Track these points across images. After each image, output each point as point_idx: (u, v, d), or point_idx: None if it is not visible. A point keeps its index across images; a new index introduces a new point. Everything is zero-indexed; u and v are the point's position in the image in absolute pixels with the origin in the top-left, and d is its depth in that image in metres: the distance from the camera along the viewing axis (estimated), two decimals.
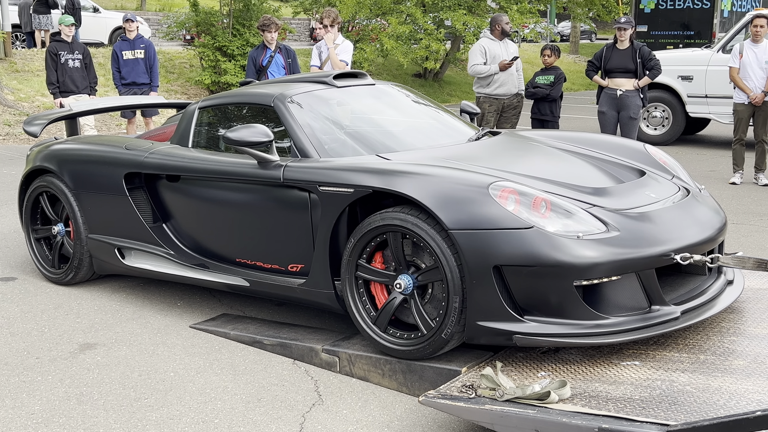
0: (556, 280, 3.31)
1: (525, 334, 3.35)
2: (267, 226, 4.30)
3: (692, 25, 20.87)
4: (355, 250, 3.81)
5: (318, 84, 4.84)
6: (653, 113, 11.81)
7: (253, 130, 4.18)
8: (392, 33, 17.00)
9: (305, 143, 4.31)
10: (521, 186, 3.58)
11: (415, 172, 3.72)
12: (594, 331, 3.33)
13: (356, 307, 3.88)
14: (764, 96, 8.52)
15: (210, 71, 15.75)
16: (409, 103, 5.18)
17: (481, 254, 3.37)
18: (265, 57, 8.19)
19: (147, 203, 4.93)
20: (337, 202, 3.88)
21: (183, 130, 5.01)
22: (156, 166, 4.79)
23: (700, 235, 3.70)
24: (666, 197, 3.96)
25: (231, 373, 4.04)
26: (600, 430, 2.81)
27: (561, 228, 3.39)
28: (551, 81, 8.36)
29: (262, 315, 4.84)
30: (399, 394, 3.76)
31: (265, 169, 4.23)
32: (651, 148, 4.68)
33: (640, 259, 3.42)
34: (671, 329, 3.42)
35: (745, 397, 2.95)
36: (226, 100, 4.96)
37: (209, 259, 4.68)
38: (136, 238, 4.96)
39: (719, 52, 11.31)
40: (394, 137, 4.64)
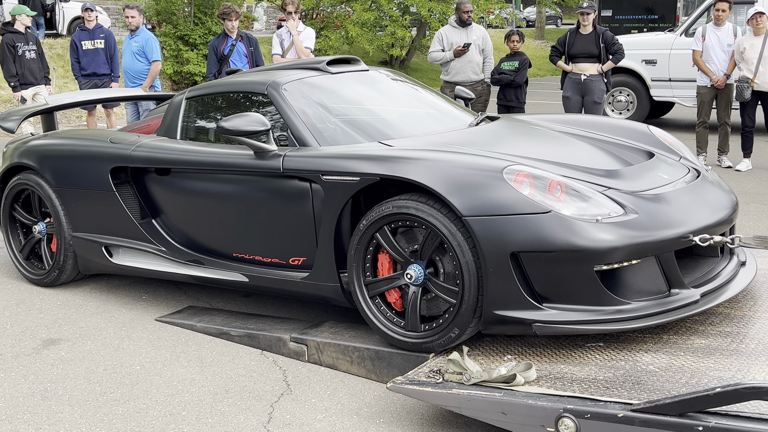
0: (576, 265, 3.20)
1: (545, 322, 3.23)
2: (265, 219, 4.14)
3: (656, 9, 21.08)
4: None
5: (311, 71, 4.68)
6: (618, 97, 11.91)
7: (247, 118, 4.02)
8: (357, 20, 16.97)
9: (303, 131, 4.15)
10: (535, 169, 3.46)
11: (424, 157, 3.58)
12: (615, 317, 3.23)
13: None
14: (726, 79, 8.61)
15: (172, 61, 15.57)
16: (404, 88, 5.03)
17: (498, 241, 3.24)
18: (227, 46, 8.11)
19: (134, 198, 4.74)
20: (341, 191, 3.73)
21: (170, 121, 4.83)
22: (145, 159, 4.61)
23: (716, 216, 3.62)
24: (678, 179, 3.87)
25: (198, 365, 4.01)
26: (565, 410, 2.83)
27: (578, 212, 3.29)
28: (516, 67, 8.38)
29: (229, 306, 4.81)
30: (368, 381, 3.76)
31: (263, 159, 4.07)
32: (656, 130, 4.61)
33: (660, 241, 3.33)
34: (692, 313, 3.34)
35: (707, 374, 2.99)
36: (215, 90, 4.80)
37: (204, 254, 4.51)
38: (124, 235, 4.78)
39: (682, 35, 11.42)
40: (393, 124, 4.48)
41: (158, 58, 9.10)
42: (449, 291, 3.45)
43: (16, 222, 5.41)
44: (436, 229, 3.40)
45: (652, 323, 3.25)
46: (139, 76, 9.06)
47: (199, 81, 15.35)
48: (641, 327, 3.25)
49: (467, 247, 3.32)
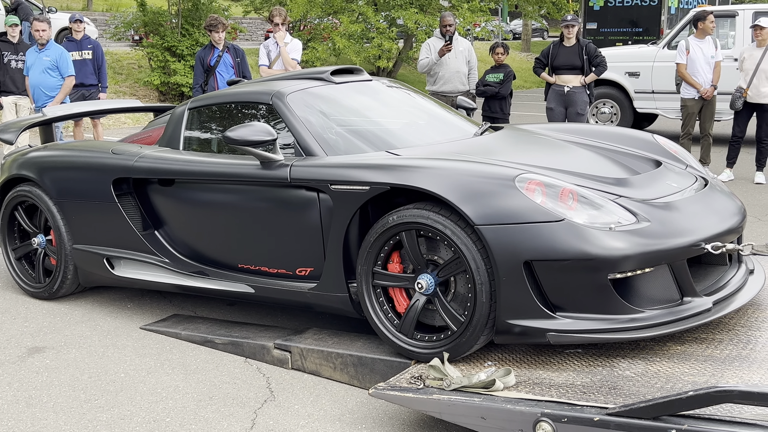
0: (590, 273, 3.19)
1: (559, 332, 3.22)
2: (272, 229, 4.10)
3: (640, 22, 21.28)
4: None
5: (315, 81, 4.67)
6: (602, 109, 12.03)
7: (253, 128, 3.98)
8: (344, 32, 17.06)
9: (310, 141, 4.12)
10: (547, 178, 3.44)
11: (434, 166, 3.55)
12: (629, 325, 3.22)
13: (377, 316, 3.70)
14: (714, 90, 8.73)
15: (159, 72, 15.60)
16: (407, 98, 5.03)
17: (511, 250, 3.22)
18: (213, 57, 8.15)
19: (137, 210, 4.70)
20: (350, 200, 3.70)
21: (172, 132, 4.81)
22: (148, 170, 4.56)
23: (725, 224, 3.62)
24: (686, 187, 3.87)
25: (182, 372, 4.04)
26: (542, 414, 2.89)
27: (590, 220, 3.28)
28: (501, 79, 8.47)
29: (213, 315, 4.84)
30: (350, 388, 3.80)
31: (269, 169, 4.04)
32: (660, 139, 4.61)
33: (673, 249, 3.33)
34: (704, 321, 3.33)
35: (681, 379, 3.05)
36: (218, 100, 4.78)
37: (208, 266, 4.46)
38: (126, 246, 4.73)
39: (665, 48, 11.57)
40: (398, 134, 4.46)
41: (73, 73, 8.87)
42: (452, 315, 3.46)
43: (14, 234, 5.34)
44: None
45: (666, 332, 3.25)
46: (52, 92, 8.73)
47: (186, 92, 15.38)
48: (655, 336, 3.25)
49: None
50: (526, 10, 23.41)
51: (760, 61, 8.50)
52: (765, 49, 8.53)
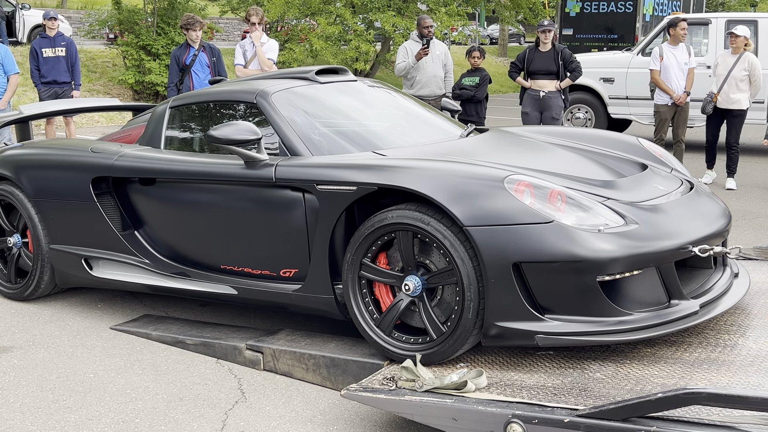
0: (579, 276, 3.18)
1: (547, 334, 3.20)
2: (256, 230, 4.05)
3: (616, 29, 21.48)
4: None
5: (299, 80, 4.63)
6: (576, 114, 12.12)
7: (237, 127, 3.94)
8: (321, 33, 17.01)
9: (295, 141, 4.08)
10: (535, 179, 3.43)
11: (423, 167, 3.53)
12: (617, 328, 3.21)
13: (358, 309, 3.67)
14: (687, 96, 8.83)
15: (134, 70, 15.48)
16: (392, 99, 5.00)
17: (500, 251, 3.20)
18: (189, 56, 8.09)
19: (116, 209, 4.62)
20: (337, 201, 3.66)
21: (153, 130, 4.75)
22: (129, 169, 4.49)
23: (712, 227, 3.63)
24: (672, 190, 3.88)
25: (153, 373, 4.00)
26: (513, 416, 2.89)
27: (578, 222, 3.27)
28: (477, 83, 8.51)
29: (185, 315, 4.80)
30: (323, 389, 3.79)
31: (254, 169, 3.98)
32: (645, 142, 4.62)
33: (661, 252, 3.33)
34: (691, 324, 3.33)
35: (651, 381, 3.08)
36: (201, 99, 4.73)
37: (189, 267, 4.39)
38: (105, 247, 4.65)
39: (639, 55, 11.69)
40: (384, 134, 4.44)
41: (17, 71, 8.63)
42: (433, 322, 3.44)
43: None
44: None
45: (654, 334, 3.24)
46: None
47: (161, 91, 15.27)
48: (642, 338, 3.24)
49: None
50: (503, 15, 23.51)
51: (731, 68, 8.63)
52: (738, 57, 8.66)
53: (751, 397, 2.48)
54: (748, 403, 2.49)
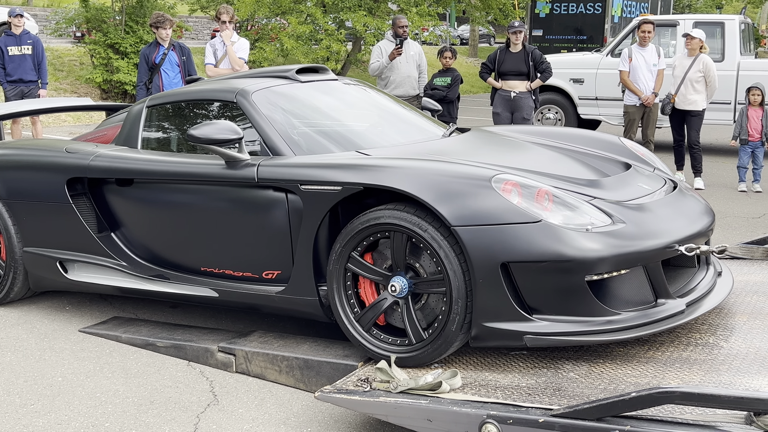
0: (567, 275, 3.16)
1: (536, 334, 3.18)
2: (237, 231, 3.98)
3: (585, 30, 21.68)
4: (349, 242, 3.52)
5: (279, 79, 4.56)
6: (547, 114, 12.20)
7: (218, 126, 3.88)
8: (292, 33, 16.95)
9: (277, 140, 4.01)
10: (522, 178, 3.41)
11: (408, 166, 3.49)
12: (606, 327, 3.19)
13: (340, 302, 3.60)
14: (655, 97, 8.94)
15: (102, 69, 15.29)
16: (373, 98, 4.94)
17: (488, 251, 3.17)
18: (158, 55, 8.00)
19: (92, 211, 4.52)
20: (321, 201, 3.61)
21: (129, 130, 4.65)
22: (105, 169, 4.39)
23: (696, 226, 3.63)
24: (657, 189, 3.87)
25: (122, 376, 3.94)
26: (488, 416, 2.89)
27: (566, 221, 3.25)
28: (448, 83, 8.52)
29: (155, 317, 4.74)
30: (296, 391, 3.76)
31: (235, 169, 3.91)
32: (627, 141, 4.62)
33: (648, 251, 3.32)
34: (678, 323, 3.33)
35: (624, 380, 3.10)
36: (179, 98, 4.64)
37: (168, 269, 4.30)
38: (80, 249, 4.54)
39: (608, 56, 11.80)
40: (367, 134, 4.39)
41: None
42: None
43: None
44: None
45: (642, 334, 3.24)
46: None
47: (129, 90, 15.10)
48: (630, 338, 3.24)
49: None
50: (473, 16, 23.60)
51: (687, 70, 8.81)
52: (694, 59, 8.84)
53: (723, 396, 2.50)
54: (721, 402, 2.51)
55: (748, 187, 8.77)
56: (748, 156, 8.77)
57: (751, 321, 3.58)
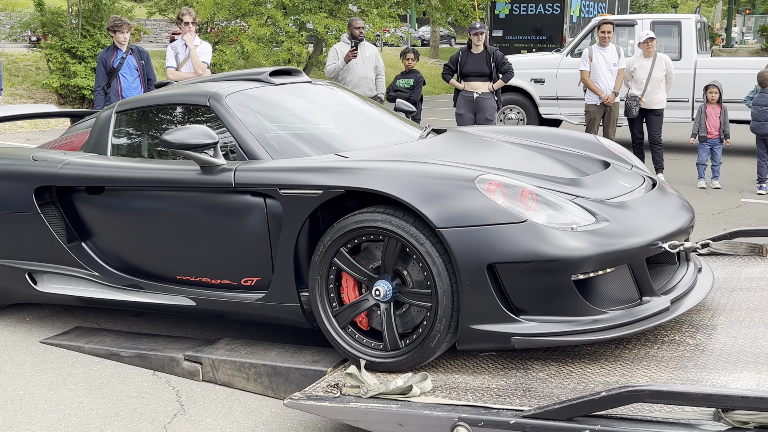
0: (554, 275, 3.13)
1: (524, 335, 3.14)
2: (214, 238, 3.88)
3: (544, 30, 21.90)
4: (340, 238, 3.43)
5: (252, 82, 4.48)
6: (509, 115, 12.28)
7: (192, 131, 3.79)
8: (253, 35, 16.83)
9: (253, 144, 3.93)
10: (505, 178, 3.38)
11: (390, 168, 3.44)
12: (592, 327, 3.17)
13: (320, 295, 3.52)
14: (615, 96, 9.05)
15: (58, 74, 15.04)
16: (347, 101, 4.87)
17: (475, 252, 3.13)
18: (116, 59, 7.89)
19: (61, 220, 4.39)
20: (302, 205, 3.53)
21: (98, 137, 4.52)
22: (75, 177, 4.27)
23: (678, 223, 3.63)
24: (636, 187, 3.86)
25: (86, 387, 3.86)
26: (459, 419, 2.88)
27: (550, 220, 3.22)
28: (411, 84, 8.53)
29: (119, 326, 4.65)
30: (264, 399, 3.72)
31: (211, 174, 3.82)
32: (603, 139, 4.62)
33: (633, 249, 3.31)
34: (664, 320, 3.33)
35: (593, 379, 3.11)
36: (149, 102, 4.52)
37: (143, 278, 4.19)
38: (50, 260, 4.40)
39: (568, 56, 11.91)
40: (343, 136, 4.33)
41: None
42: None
43: None
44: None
45: (628, 332, 3.22)
46: None
47: (87, 95, 14.86)
48: (618, 337, 3.22)
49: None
50: (434, 17, 23.67)
51: (651, 70, 8.98)
52: (653, 59, 9.04)
53: (691, 393, 2.52)
54: (689, 399, 2.53)
55: (708, 184, 8.92)
56: (707, 153, 8.92)
57: (715, 317, 3.63)
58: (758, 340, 3.31)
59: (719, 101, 8.82)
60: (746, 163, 9.86)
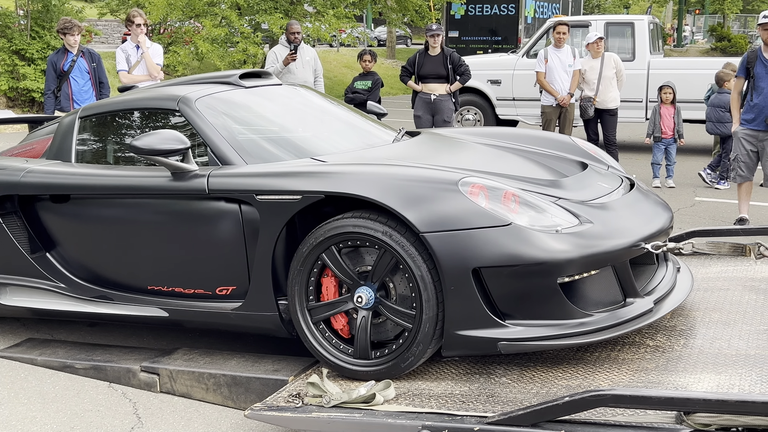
0: (540, 278, 3.09)
1: (510, 340, 3.09)
2: (186, 246, 3.77)
3: (499, 31, 22.03)
4: (333, 237, 3.31)
5: (222, 85, 4.36)
6: (466, 116, 12.32)
7: (161, 136, 3.68)
8: (207, 36, 16.62)
9: (225, 149, 3.81)
10: (488, 181, 3.33)
11: (370, 172, 3.38)
12: (579, 330, 3.14)
13: (298, 290, 3.43)
14: (570, 97, 9.14)
15: (7, 76, 14.69)
16: (319, 103, 4.79)
17: (459, 257, 3.07)
18: (67, 61, 7.70)
19: (23, 230, 4.25)
20: (279, 211, 3.43)
21: (60, 143, 4.38)
22: (40, 186, 4.14)
23: (658, 223, 3.60)
24: (615, 188, 3.83)
25: (40, 401, 3.75)
26: (423, 427, 2.85)
27: (534, 223, 3.18)
28: (369, 86, 8.50)
29: (72, 337, 4.53)
30: (224, 409, 3.65)
31: (182, 181, 3.71)
32: (579, 140, 4.59)
33: (617, 250, 3.27)
34: (648, 322, 3.30)
35: (556, 383, 3.11)
36: (115, 107, 4.39)
37: (112, 289, 4.06)
38: (12, 272, 4.26)
39: (524, 57, 11.99)
40: (318, 140, 4.23)
41: None
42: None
43: None
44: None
45: (614, 335, 3.19)
46: None
47: (37, 98, 14.53)
48: (604, 339, 3.19)
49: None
50: (389, 18, 23.67)
51: (601, 70, 9.16)
52: (602, 58, 9.25)
53: (654, 397, 2.54)
54: (652, 403, 2.54)
55: (662, 183, 9.05)
56: (661, 153, 9.05)
57: (674, 318, 3.66)
58: (716, 340, 3.35)
59: (673, 101, 8.96)
60: (700, 162, 10.02)
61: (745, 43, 34.64)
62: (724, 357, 3.15)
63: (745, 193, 6.74)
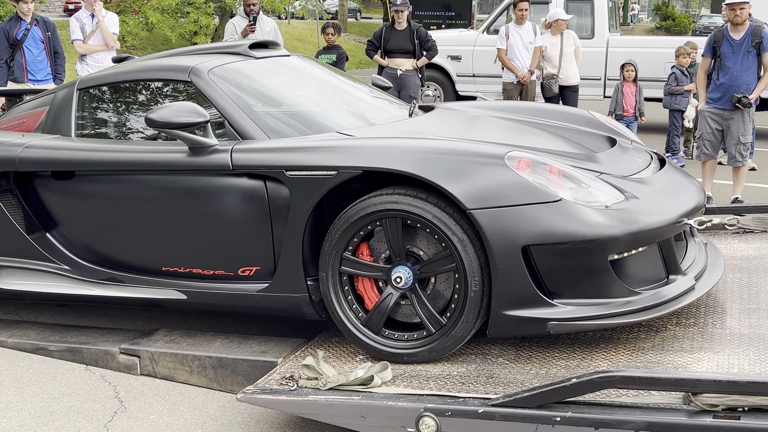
0: (590, 256, 2.97)
1: (560, 320, 2.98)
2: (205, 225, 3.55)
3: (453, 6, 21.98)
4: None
5: (232, 55, 4.13)
6: (426, 92, 12.24)
7: (178, 108, 3.46)
8: (157, 5, 16.19)
9: (245, 123, 3.61)
10: (533, 155, 3.18)
11: (408, 146, 3.22)
12: (626, 309, 3.03)
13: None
14: (531, 74, 9.14)
15: None
16: (330, 76, 4.55)
17: (509, 234, 2.95)
18: (20, 30, 7.38)
19: (20, 209, 4.00)
20: (313, 188, 3.25)
21: (57, 117, 4.12)
22: (42, 162, 3.87)
23: (695, 199, 3.48)
24: (648, 163, 3.70)
25: (14, 386, 3.60)
26: (425, 409, 2.81)
27: (582, 198, 3.07)
28: (333, 60, 8.35)
29: (42, 318, 4.37)
30: (210, 392, 3.56)
31: (202, 156, 3.50)
32: (599, 115, 4.43)
33: (664, 226, 3.17)
34: (692, 300, 3.21)
35: (555, 363, 3.10)
36: (117, 78, 4.12)
37: (123, 271, 3.83)
38: (11, 253, 4.01)
39: (484, 33, 11.96)
40: (338, 112, 4.03)
41: None
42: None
43: None
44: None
45: (660, 314, 3.10)
46: None
47: None
48: (650, 319, 3.10)
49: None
50: None
51: (562, 47, 9.19)
52: (562, 35, 9.29)
53: (664, 378, 2.54)
54: (662, 384, 2.54)
55: None
56: None
57: None
58: (708, 319, 3.37)
59: (635, 80, 9.04)
60: (660, 139, 10.16)
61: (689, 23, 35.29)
62: (719, 336, 3.17)
63: (709, 171, 6.85)
